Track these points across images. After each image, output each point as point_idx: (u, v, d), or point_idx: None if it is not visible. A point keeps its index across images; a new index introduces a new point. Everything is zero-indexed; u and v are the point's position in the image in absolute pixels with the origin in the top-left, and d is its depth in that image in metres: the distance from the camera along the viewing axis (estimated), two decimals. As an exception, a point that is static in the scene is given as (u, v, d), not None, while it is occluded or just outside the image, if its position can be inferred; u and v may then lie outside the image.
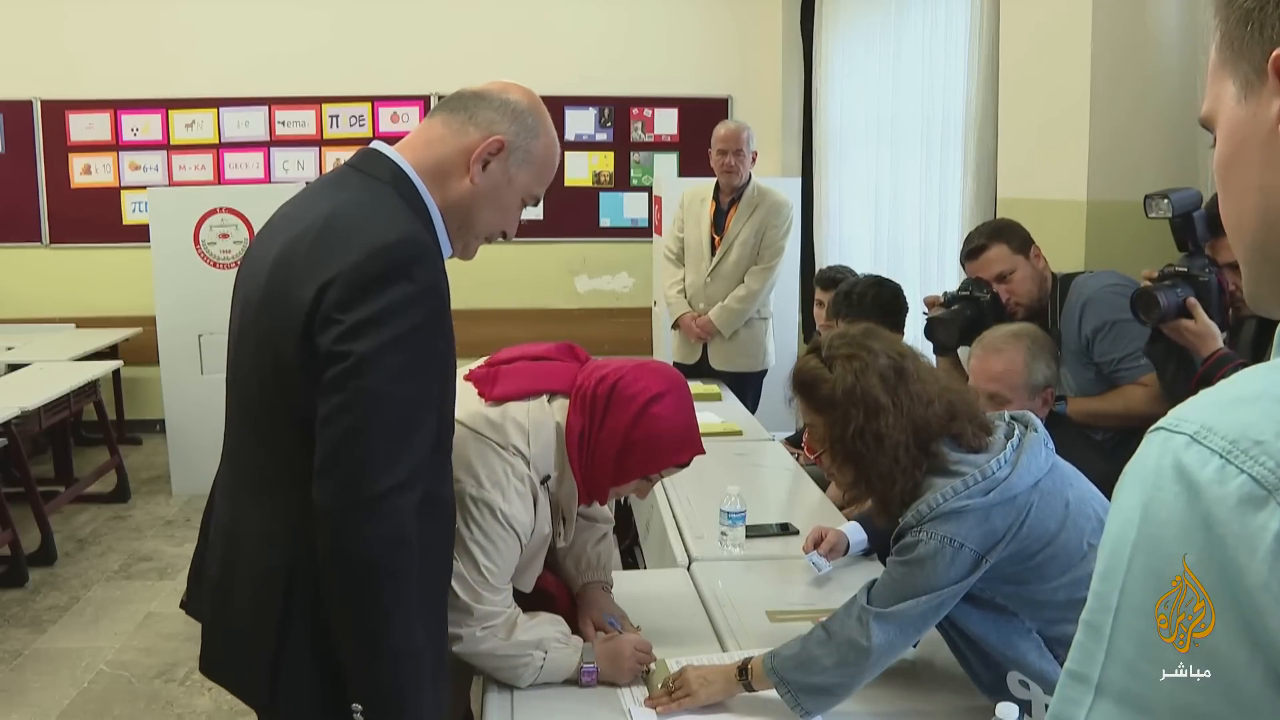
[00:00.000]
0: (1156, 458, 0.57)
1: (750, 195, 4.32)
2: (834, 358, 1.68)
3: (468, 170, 1.50)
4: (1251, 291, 0.69)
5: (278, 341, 1.39)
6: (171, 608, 3.95)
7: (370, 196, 1.45)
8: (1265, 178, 0.64)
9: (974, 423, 1.68)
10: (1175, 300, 2.12)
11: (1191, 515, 0.54)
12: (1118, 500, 0.60)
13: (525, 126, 1.54)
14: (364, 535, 1.34)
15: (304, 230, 1.41)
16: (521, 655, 1.77)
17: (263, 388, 1.44)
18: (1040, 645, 1.63)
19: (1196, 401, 0.58)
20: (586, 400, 1.82)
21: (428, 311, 1.38)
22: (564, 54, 6.49)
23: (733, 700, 1.73)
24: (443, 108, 1.56)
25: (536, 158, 1.56)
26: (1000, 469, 1.59)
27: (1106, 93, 3.20)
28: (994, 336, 2.39)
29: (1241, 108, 0.65)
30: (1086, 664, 0.59)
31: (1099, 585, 0.59)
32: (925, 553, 1.57)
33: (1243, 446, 0.54)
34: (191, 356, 5.39)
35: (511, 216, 1.59)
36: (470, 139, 1.51)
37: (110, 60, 6.36)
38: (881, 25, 5.11)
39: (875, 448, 1.62)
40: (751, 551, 2.41)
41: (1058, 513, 1.62)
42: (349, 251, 1.35)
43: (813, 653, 1.62)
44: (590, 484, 1.84)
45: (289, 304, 1.37)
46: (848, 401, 1.64)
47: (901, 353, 1.70)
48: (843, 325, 1.80)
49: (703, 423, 3.59)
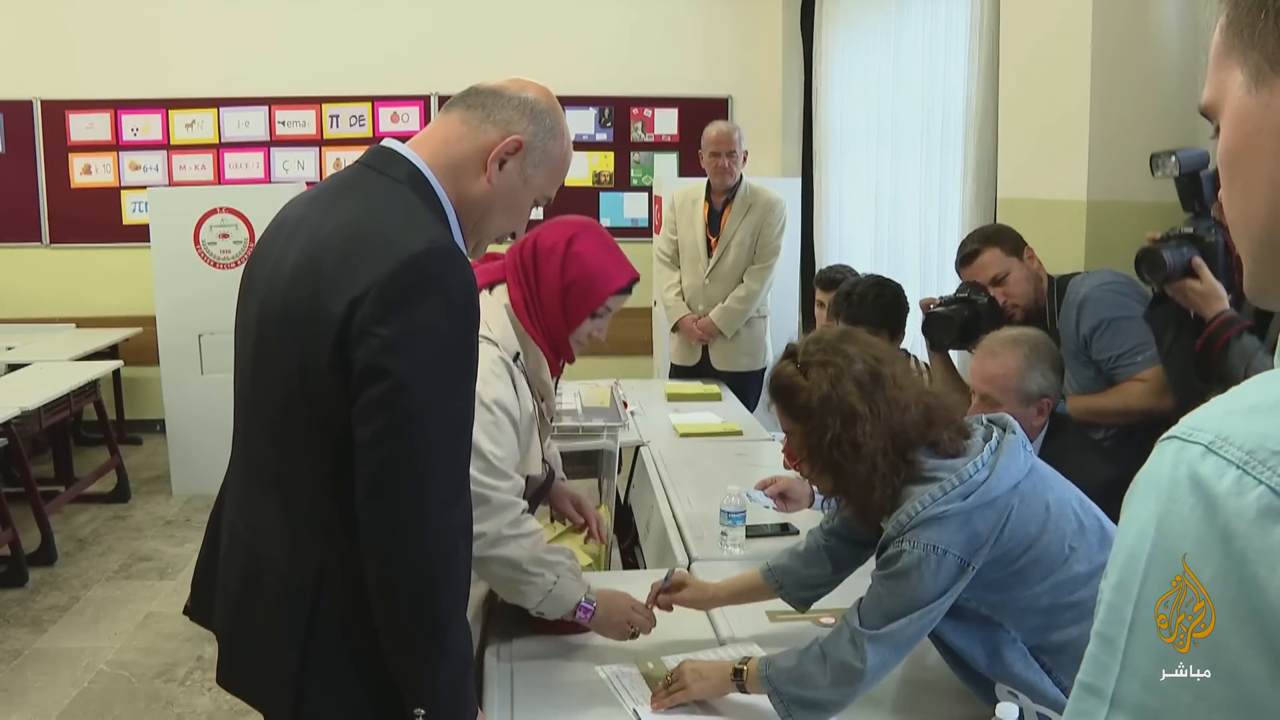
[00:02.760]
0: (1171, 468, 0.56)
1: (744, 195, 4.31)
2: (809, 364, 1.65)
3: (485, 169, 1.47)
4: (1254, 284, 0.67)
5: (306, 351, 1.36)
6: (171, 608, 3.96)
7: (391, 199, 1.42)
8: (1276, 170, 0.62)
9: (951, 428, 1.65)
10: (1181, 259, 2.05)
11: (1209, 528, 0.53)
12: (1130, 511, 0.58)
13: (544, 126, 1.51)
14: (421, 553, 1.34)
15: (328, 236, 1.38)
16: (535, 573, 1.81)
17: (288, 396, 1.40)
18: (1026, 655, 1.61)
19: (1210, 410, 0.57)
20: (517, 272, 1.95)
21: (464, 320, 1.37)
22: (564, 54, 6.49)
23: (729, 701, 1.74)
24: (458, 104, 1.52)
25: (553, 158, 1.54)
26: (978, 472, 1.56)
27: (1107, 93, 3.20)
28: (995, 339, 2.37)
29: (1251, 98, 0.63)
30: (1101, 676, 0.57)
31: (1112, 597, 0.57)
32: (910, 563, 1.55)
33: (1260, 457, 0.52)
34: (191, 356, 5.39)
35: (523, 217, 1.57)
36: (488, 137, 1.47)
37: (110, 60, 6.36)
38: (881, 25, 5.11)
39: (853, 456, 1.59)
40: (751, 551, 2.41)
41: (1038, 515, 1.59)
42: (380, 263, 1.31)
43: (808, 669, 1.61)
44: (550, 343, 1.96)
45: (318, 315, 1.34)
46: (824, 409, 1.61)
47: (878, 357, 1.66)
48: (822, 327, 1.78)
49: (703, 423, 3.64)
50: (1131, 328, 2.53)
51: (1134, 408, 2.53)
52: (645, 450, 3.37)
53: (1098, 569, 1.57)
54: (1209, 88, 0.67)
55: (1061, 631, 1.59)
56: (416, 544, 1.34)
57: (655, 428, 3.62)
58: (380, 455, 1.32)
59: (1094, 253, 3.16)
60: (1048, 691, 1.58)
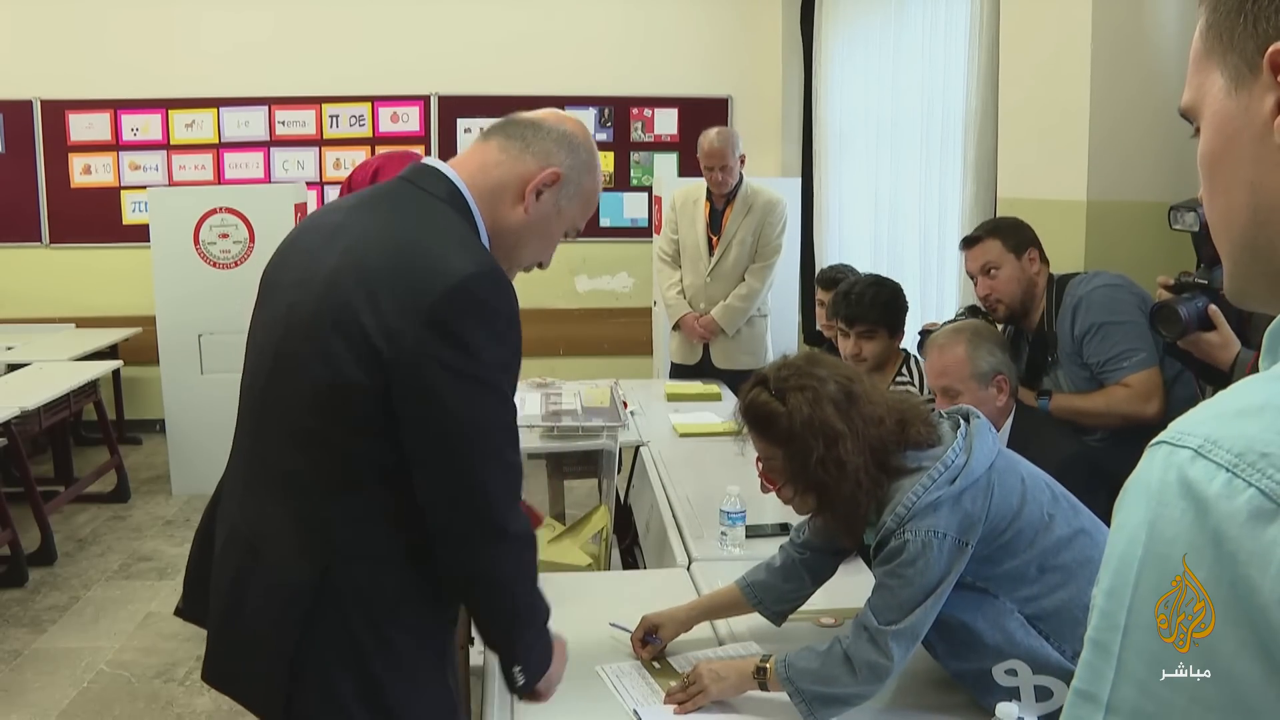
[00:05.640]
0: (1161, 473, 0.56)
1: (744, 195, 4.32)
2: (785, 390, 1.70)
3: (522, 199, 1.50)
4: (1235, 287, 0.68)
5: (338, 359, 1.37)
6: (171, 608, 3.94)
7: (433, 216, 1.45)
8: (1256, 173, 0.62)
9: (923, 422, 1.72)
10: (1196, 312, 2.04)
11: (1200, 531, 0.53)
12: (1121, 516, 0.58)
13: (580, 161, 1.55)
14: (492, 566, 1.46)
15: (371, 247, 1.41)
16: None
17: (312, 399, 1.41)
18: (1024, 623, 1.67)
19: (1197, 414, 0.57)
20: None
21: (512, 342, 1.42)
22: (564, 53, 6.49)
23: (741, 700, 1.74)
24: (497, 132, 1.55)
25: (586, 192, 1.58)
26: (957, 456, 1.65)
27: (1106, 93, 3.20)
28: (938, 335, 2.50)
29: (1232, 101, 0.63)
30: (1096, 683, 0.57)
31: (1105, 603, 0.57)
32: (915, 551, 1.60)
33: (1249, 459, 0.52)
34: (191, 356, 5.39)
35: (553, 246, 1.61)
36: (527, 168, 1.51)
37: (110, 60, 6.36)
38: (881, 25, 5.11)
39: (838, 474, 1.65)
40: (751, 551, 2.41)
41: (1016, 489, 1.68)
42: (431, 285, 1.35)
43: (832, 671, 1.64)
44: None
45: (358, 328, 1.36)
46: (806, 432, 1.66)
47: (849, 376, 1.74)
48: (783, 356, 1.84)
49: (703, 423, 3.64)
50: (1122, 333, 2.56)
51: (1115, 411, 2.56)
52: (645, 450, 3.37)
53: (1076, 531, 1.69)
54: (1189, 90, 0.68)
55: (1052, 596, 1.67)
56: (487, 560, 1.45)
57: (655, 428, 3.62)
58: (441, 479, 1.40)
59: (1094, 253, 3.16)
60: (1050, 657, 1.64)
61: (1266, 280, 0.65)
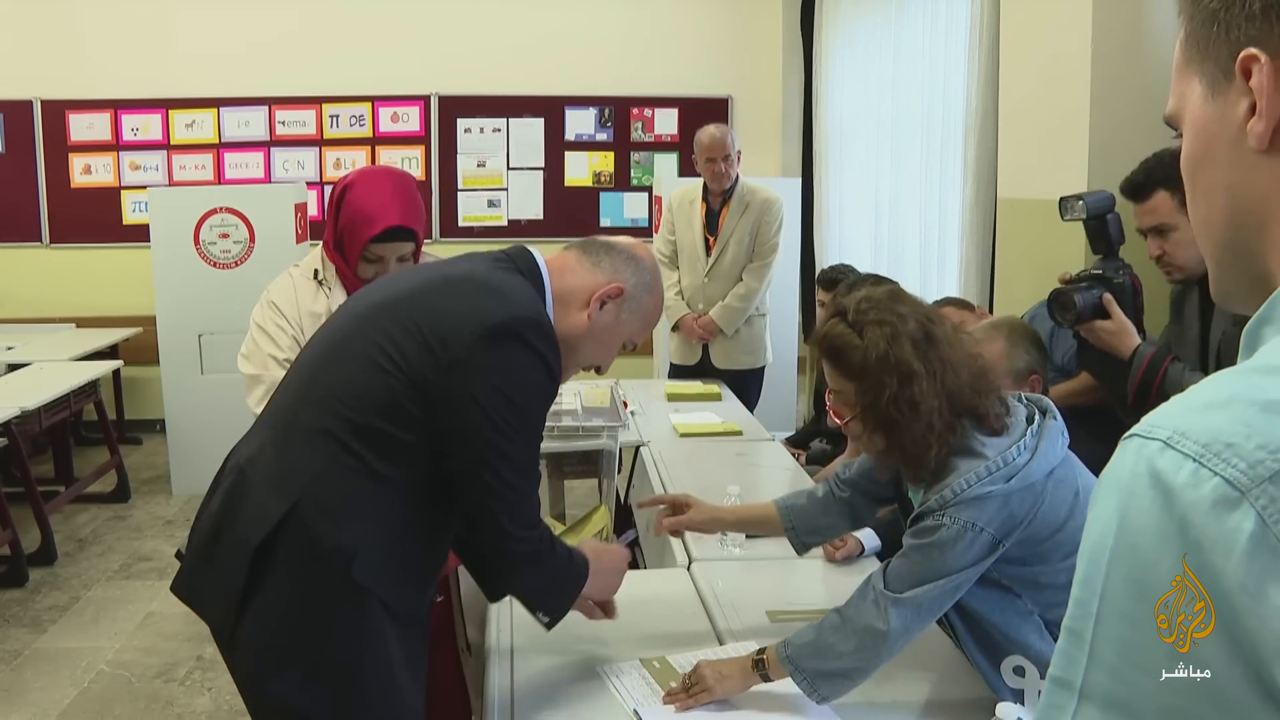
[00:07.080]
0: (1132, 464, 0.57)
1: (741, 194, 4.32)
2: (863, 323, 1.65)
3: (588, 305, 1.68)
4: (1219, 290, 0.70)
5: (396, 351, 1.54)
6: (171, 608, 3.95)
7: (513, 280, 1.65)
8: (1233, 176, 0.65)
9: (996, 396, 1.66)
10: (1091, 300, 2.11)
11: (1168, 520, 0.54)
12: (1095, 508, 0.60)
13: (644, 282, 1.73)
14: (511, 564, 1.68)
15: (454, 278, 1.63)
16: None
17: (362, 376, 1.56)
18: (1041, 627, 1.65)
19: (1168, 408, 0.59)
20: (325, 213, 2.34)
21: (548, 384, 1.61)
22: (564, 54, 6.49)
23: (741, 698, 1.74)
24: (577, 247, 1.75)
25: (645, 310, 1.75)
26: (1020, 455, 1.59)
27: (1106, 93, 3.20)
28: (975, 330, 2.45)
29: (1209, 106, 0.66)
30: (1070, 669, 0.59)
31: (1079, 592, 0.59)
32: (946, 537, 1.57)
33: (1215, 450, 0.54)
34: (191, 356, 5.39)
35: (611, 354, 1.78)
36: (597, 279, 1.69)
37: (110, 60, 6.37)
38: (881, 25, 5.11)
39: (910, 414, 1.60)
40: (751, 551, 2.41)
41: (1067, 501, 1.62)
42: (496, 311, 1.55)
43: (828, 640, 1.62)
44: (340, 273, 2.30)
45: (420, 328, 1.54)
46: (881, 368, 1.61)
47: (930, 317, 1.67)
48: (868, 289, 1.78)
49: (703, 423, 3.64)
50: None
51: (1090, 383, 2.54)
52: (645, 450, 3.37)
53: None
54: (1172, 98, 0.70)
55: None
56: (508, 557, 1.67)
57: (655, 428, 3.62)
58: (475, 489, 1.59)
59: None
60: None
61: (1248, 281, 0.67)
